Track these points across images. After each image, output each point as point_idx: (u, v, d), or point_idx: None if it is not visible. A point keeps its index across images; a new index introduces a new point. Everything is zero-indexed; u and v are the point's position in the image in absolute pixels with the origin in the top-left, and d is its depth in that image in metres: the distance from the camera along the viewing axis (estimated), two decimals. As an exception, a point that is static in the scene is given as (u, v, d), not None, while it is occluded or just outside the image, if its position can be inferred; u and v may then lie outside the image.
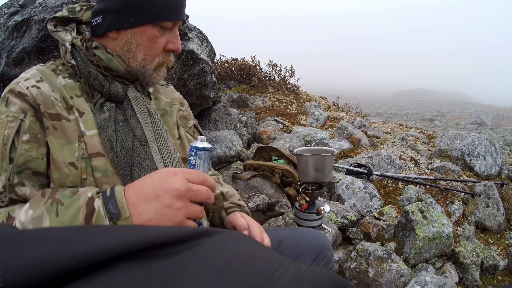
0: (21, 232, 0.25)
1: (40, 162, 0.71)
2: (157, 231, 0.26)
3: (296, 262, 0.26)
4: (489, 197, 2.29)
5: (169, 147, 0.82)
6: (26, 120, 0.71)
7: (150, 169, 0.76)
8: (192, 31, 2.53)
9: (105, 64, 0.80)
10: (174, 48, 0.84)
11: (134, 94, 0.83)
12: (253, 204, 1.90)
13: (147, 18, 0.77)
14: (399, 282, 1.60)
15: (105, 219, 0.60)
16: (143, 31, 0.79)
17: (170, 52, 0.85)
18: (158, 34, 0.80)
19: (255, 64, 5.59)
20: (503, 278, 1.93)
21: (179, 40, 0.85)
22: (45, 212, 0.62)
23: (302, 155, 1.52)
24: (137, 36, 0.79)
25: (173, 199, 0.58)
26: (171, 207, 0.58)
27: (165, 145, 0.81)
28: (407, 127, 4.72)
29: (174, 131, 0.93)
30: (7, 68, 1.82)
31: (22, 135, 0.69)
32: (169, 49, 0.84)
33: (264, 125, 3.33)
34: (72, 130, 0.73)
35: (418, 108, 30.69)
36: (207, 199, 0.62)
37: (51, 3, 1.83)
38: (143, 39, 0.79)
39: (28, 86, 0.73)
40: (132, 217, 0.59)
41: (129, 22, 0.78)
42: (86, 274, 0.21)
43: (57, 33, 0.81)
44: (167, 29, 0.82)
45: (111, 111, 0.78)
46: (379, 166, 2.48)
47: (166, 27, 0.81)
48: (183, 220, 0.59)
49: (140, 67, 0.81)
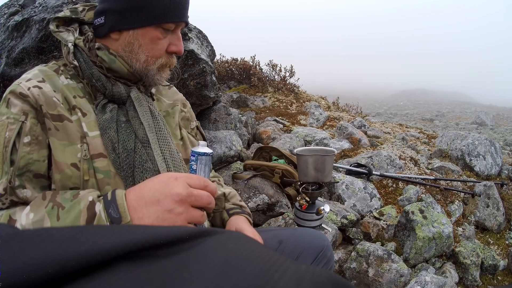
0: (21, 232, 0.25)
1: (41, 164, 0.70)
2: (157, 231, 0.26)
3: (296, 262, 0.26)
4: (489, 197, 2.29)
5: (171, 148, 0.82)
6: (27, 122, 0.70)
7: (152, 170, 0.75)
8: (192, 31, 2.53)
9: (107, 65, 0.79)
10: (177, 50, 0.83)
11: (137, 95, 0.82)
12: (253, 204, 1.90)
13: (150, 20, 0.77)
14: (399, 282, 1.60)
15: (107, 224, 0.60)
16: (145, 32, 0.79)
17: (172, 54, 0.85)
18: (160, 35, 0.80)
19: (255, 64, 5.59)
20: (503, 278, 1.93)
21: (181, 42, 0.85)
22: (46, 215, 0.62)
23: (302, 155, 1.52)
24: (140, 37, 0.79)
25: (174, 204, 0.58)
26: (172, 212, 0.58)
27: (168, 147, 0.81)
28: (407, 127, 4.72)
29: (177, 132, 0.93)
30: (7, 68, 1.82)
31: (23, 137, 0.69)
32: (172, 51, 0.83)
33: (264, 125, 3.33)
34: (74, 131, 0.73)
35: (418, 108, 30.69)
36: (208, 204, 0.62)
37: (51, 3, 1.82)
38: (145, 40, 0.79)
39: (30, 87, 0.72)
40: (133, 221, 0.59)
41: (131, 23, 0.77)
42: (86, 274, 0.21)
43: (60, 34, 0.80)
44: (170, 31, 0.82)
45: (113, 112, 0.77)
46: (379, 166, 2.48)
47: (168, 29, 0.81)
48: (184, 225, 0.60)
49: (143, 68, 0.81)
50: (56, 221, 0.61)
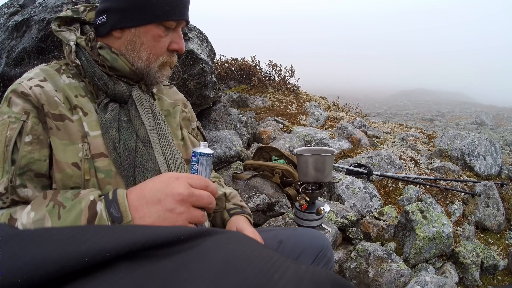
0: (21, 232, 0.25)
1: (43, 163, 0.70)
2: (157, 231, 0.26)
3: (296, 262, 0.26)
4: (489, 197, 2.29)
5: (172, 148, 0.82)
6: (29, 122, 0.70)
7: (153, 170, 0.76)
8: (192, 31, 2.53)
9: (110, 63, 0.80)
10: (178, 48, 0.84)
11: (139, 94, 0.83)
12: (253, 204, 1.90)
13: (151, 18, 0.78)
14: (399, 282, 1.60)
15: (108, 223, 0.60)
16: (147, 30, 0.79)
17: (173, 52, 0.85)
18: (162, 33, 0.81)
19: (255, 64, 5.59)
20: (503, 278, 1.93)
21: (182, 41, 0.85)
22: (47, 214, 0.62)
23: (302, 155, 1.52)
24: (142, 35, 0.79)
25: (175, 204, 0.58)
26: (173, 212, 0.58)
27: (169, 146, 0.81)
28: (407, 127, 4.72)
29: (178, 132, 0.93)
30: (7, 68, 1.82)
31: (24, 136, 0.69)
32: (173, 49, 0.84)
33: (264, 125, 3.33)
34: (76, 130, 0.73)
35: (418, 108, 30.69)
36: (208, 204, 0.62)
37: (51, 3, 1.82)
38: (147, 38, 0.80)
39: (32, 86, 0.73)
40: (134, 221, 0.59)
41: (134, 21, 0.78)
42: (86, 274, 0.21)
43: (61, 33, 0.81)
44: (171, 29, 0.82)
45: (115, 112, 0.78)
46: (379, 166, 2.48)
47: (170, 27, 0.81)
48: (184, 224, 0.60)
49: (145, 66, 0.81)
50: (57, 220, 0.61)
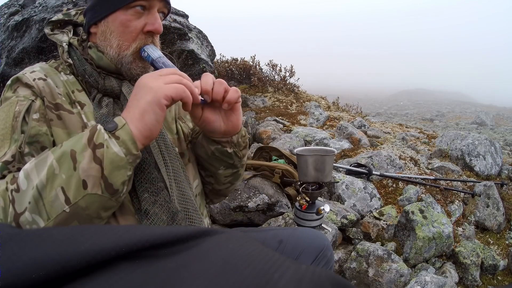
0: (21, 232, 0.25)
1: (49, 138, 0.73)
2: (157, 231, 0.26)
3: (296, 262, 0.26)
4: (489, 197, 2.29)
5: (166, 141, 0.83)
6: (37, 102, 0.74)
7: (149, 162, 0.77)
8: (192, 31, 2.53)
9: (96, 62, 0.82)
10: (153, 28, 0.82)
11: (129, 89, 0.84)
12: (253, 204, 1.90)
13: (115, 4, 0.79)
14: (399, 282, 1.60)
15: (106, 136, 0.63)
16: (114, 18, 0.80)
17: (150, 34, 0.84)
18: (131, 17, 0.80)
19: (255, 64, 5.59)
20: (503, 278, 1.93)
21: (159, 21, 0.83)
22: (49, 152, 0.64)
23: (302, 155, 1.52)
24: (110, 24, 0.81)
25: (152, 84, 0.65)
26: (154, 86, 0.64)
27: (163, 140, 0.83)
28: (407, 127, 4.72)
29: (173, 126, 0.94)
30: (7, 68, 1.82)
31: (32, 113, 0.73)
32: (148, 30, 0.82)
33: (264, 125, 3.33)
34: (76, 121, 0.76)
35: (418, 108, 30.69)
36: (180, 81, 0.67)
37: (51, 3, 1.82)
38: (115, 26, 0.81)
39: (35, 78, 0.76)
40: (126, 119, 0.64)
41: (101, 13, 0.80)
42: (86, 274, 0.21)
43: (54, 36, 0.84)
44: (145, 12, 0.81)
45: (110, 107, 0.80)
46: (379, 166, 2.48)
47: (139, 6, 0.80)
48: (172, 85, 0.65)
49: (116, 54, 0.81)
50: (59, 149, 0.63)
